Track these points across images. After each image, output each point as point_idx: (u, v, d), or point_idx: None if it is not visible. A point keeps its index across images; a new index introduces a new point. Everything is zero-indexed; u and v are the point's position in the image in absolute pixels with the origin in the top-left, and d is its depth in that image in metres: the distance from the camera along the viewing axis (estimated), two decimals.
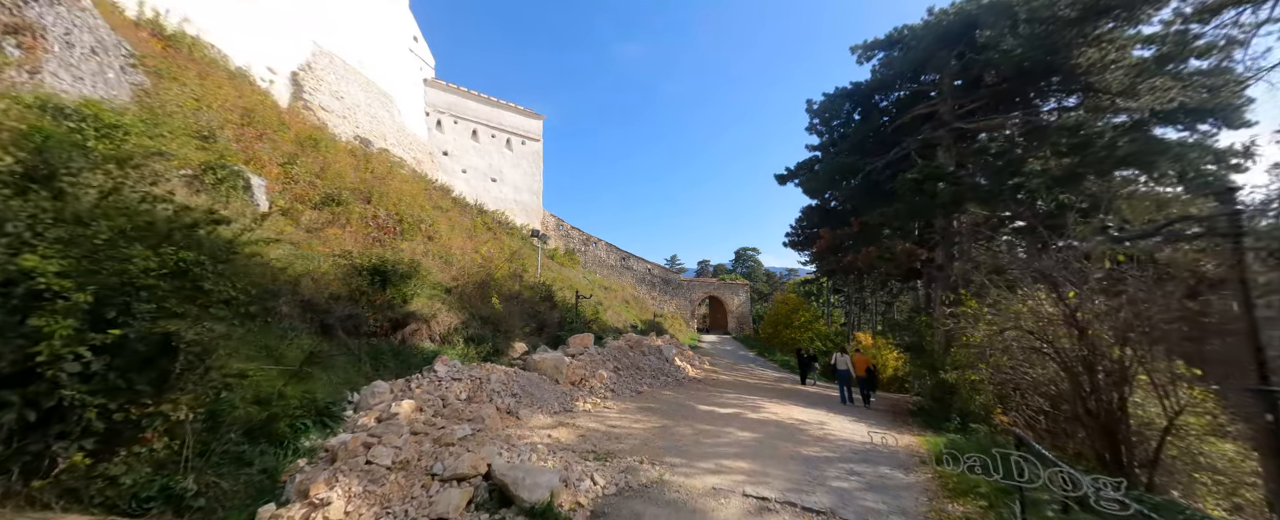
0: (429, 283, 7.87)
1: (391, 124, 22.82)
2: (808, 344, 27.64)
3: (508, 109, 28.89)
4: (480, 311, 8.42)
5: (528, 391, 6.74)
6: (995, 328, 7.83)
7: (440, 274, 8.90)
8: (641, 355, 13.04)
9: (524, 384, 6.89)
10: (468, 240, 17.54)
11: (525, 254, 21.97)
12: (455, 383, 5.52)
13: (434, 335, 7.18)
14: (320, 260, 5.78)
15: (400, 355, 6.13)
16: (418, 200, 15.59)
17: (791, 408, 9.98)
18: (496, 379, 6.34)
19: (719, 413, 8.26)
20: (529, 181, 29.75)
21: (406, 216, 11.70)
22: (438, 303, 7.50)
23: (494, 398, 5.69)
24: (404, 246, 8.94)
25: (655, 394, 9.72)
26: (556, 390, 7.37)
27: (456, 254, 11.05)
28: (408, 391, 4.67)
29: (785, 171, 15.70)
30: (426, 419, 3.92)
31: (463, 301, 8.38)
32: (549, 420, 5.89)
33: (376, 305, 6.21)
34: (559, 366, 7.92)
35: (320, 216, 8.39)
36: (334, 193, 9.26)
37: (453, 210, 20.08)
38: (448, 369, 5.78)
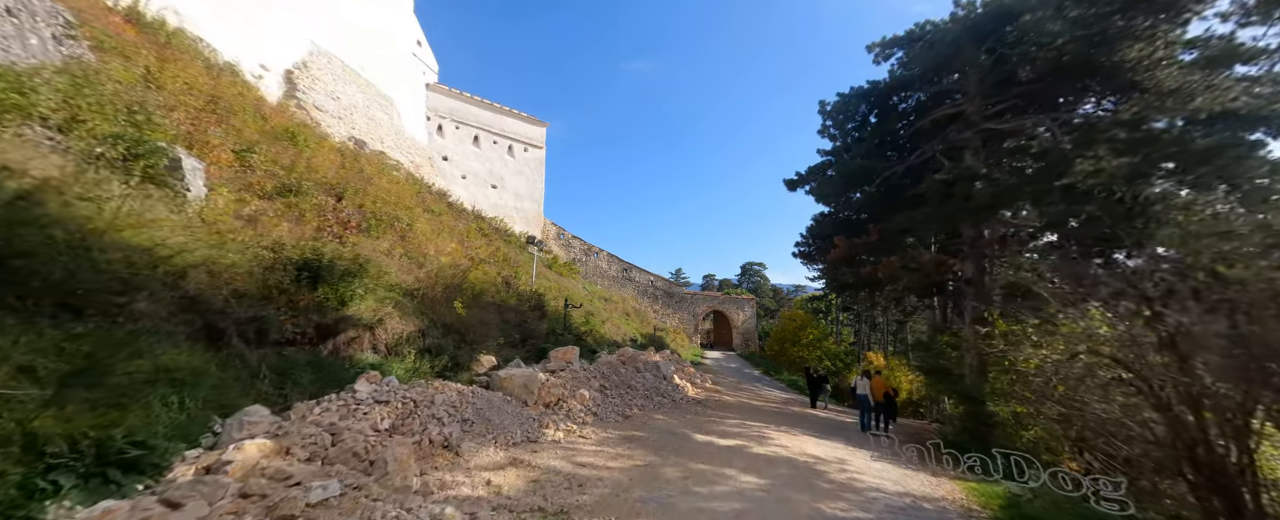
0: (385, 284, 6.72)
1: (390, 127, 22.16)
2: (816, 363, 25.97)
3: (510, 115, 28.27)
4: (444, 319, 7.23)
5: (484, 417, 5.47)
6: (1062, 351, 6.38)
7: (406, 276, 7.75)
8: (635, 372, 11.69)
9: (481, 407, 5.62)
10: (458, 245, 16.49)
11: (521, 261, 20.87)
12: (379, 407, 4.29)
13: (379, 345, 5.99)
14: (230, 250, 4.68)
15: (324, 369, 4.92)
16: (405, 201, 14.61)
17: (804, 439, 8.53)
18: (443, 401, 5.08)
19: (718, 445, 6.88)
20: (530, 189, 28.90)
21: (382, 215, 10.64)
22: (390, 307, 6.33)
23: (429, 427, 4.42)
24: (364, 243, 7.83)
25: (646, 418, 8.36)
26: (522, 415, 6.08)
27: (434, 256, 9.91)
28: (290, 421, 3.42)
29: (795, 176, 14.50)
30: (279, 468, 2.70)
31: (425, 307, 7.20)
32: (500, 456, 4.60)
33: (300, 307, 5.04)
34: (530, 385, 6.64)
35: (269, 206, 7.31)
36: (292, 183, 8.21)
37: (446, 214, 19.11)
38: (373, 389, 4.55)
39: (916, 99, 13.72)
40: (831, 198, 13.01)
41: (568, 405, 7.41)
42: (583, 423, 6.98)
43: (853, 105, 14.05)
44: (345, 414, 3.95)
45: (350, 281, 5.63)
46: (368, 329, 5.90)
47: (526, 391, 6.59)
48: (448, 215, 19.25)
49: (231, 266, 4.62)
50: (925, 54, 12.14)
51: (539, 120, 29.67)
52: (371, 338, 5.96)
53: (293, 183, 8.35)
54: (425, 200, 18.80)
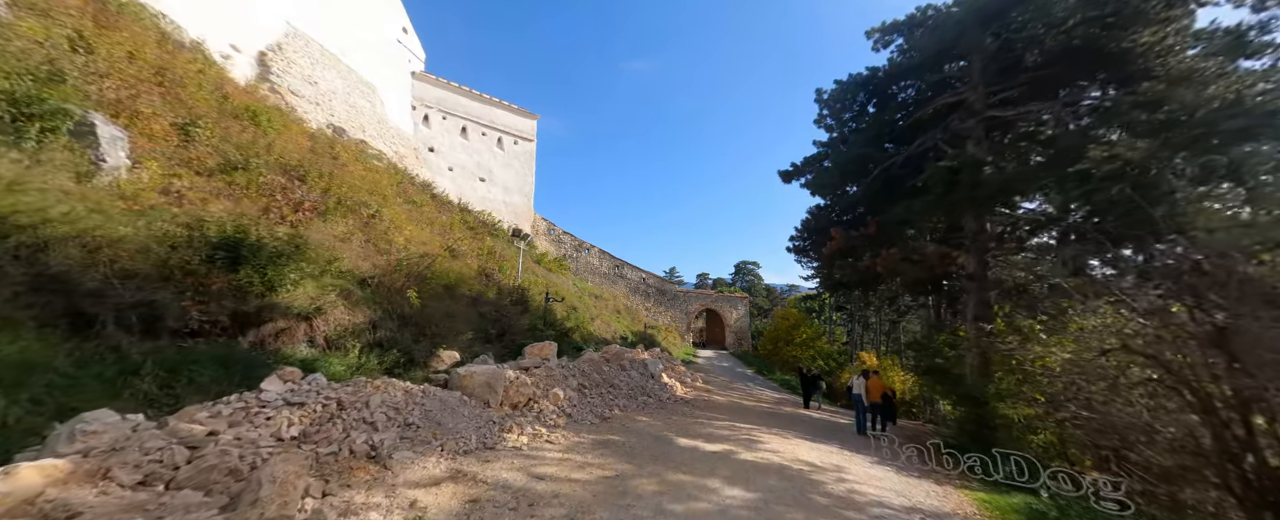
0: (334, 270, 5.95)
1: (372, 115, 21.26)
2: (809, 362, 25.41)
3: (500, 107, 27.42)
4: (401, 310, 6.47)
5: (434, 420, 4.73)
6: (1088, 348, 5.75)
7: (361, 263, 6.98)
8: (619, 370, 10.97)
9: (432, 409, 4.89)
10: (437, 236, 15.69)
11: (507, 256, 20.09)
12: (289, 410, 3.54)
13: (317, 338, 5.24)
14: (119, 222, 3.90)
15: (237, 365, 4.15)
16: (381, 189, 13.81)
17: (797, 443, 7.87)
18: (381, 403, 4.34)
19: (703, 450, 6.19)
20: (520, 182, 28.07)
21: (348, 200, 9.84)
22: (334, 295, 5.57)
23: (354, 434, 3.69)
24: (318, 227, 7.04)
25: (627, 420, 7.66)
26: (481, 417, 5.35)
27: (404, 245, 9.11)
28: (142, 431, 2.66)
29: (791, 168, 13.84)
30: (68, 499, 1.98)
31: (380, 297, 6.44)
32: (440, 469, 3.87)
33: (210, 291, 4.28)
34: (493, 384, 5.91)
35: (206, 183, 6.52)
36: (239, 161, 7.40)
37: (428, 205, 18.29)
38: (286, 388, 3.79)
39: (916, 87, 13.11)
40: (828, 189, 12.39)
41: (539, 406, 6.68)
42: (553, 425, 6.26)
43: (851, 94, 13.42)
44: (240, 420, 3.21)
45: (281, 265, 4.86)
46: (304, 319, 5.15)
47: (489, 391, 5.86)
48: (430, 206, 18.43)
49: (119, 241, 3.85)
50: (927, 39, 11.52)
51: (529, 113, 28.84)
52: (308, 329, 5.20)
53: (241, 161, 7.55)
54: (406, 191, 17.98)
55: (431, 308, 7.19)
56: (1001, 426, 8.24)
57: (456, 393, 5.54)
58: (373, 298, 6.28)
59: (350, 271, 6.39)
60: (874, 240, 10.32)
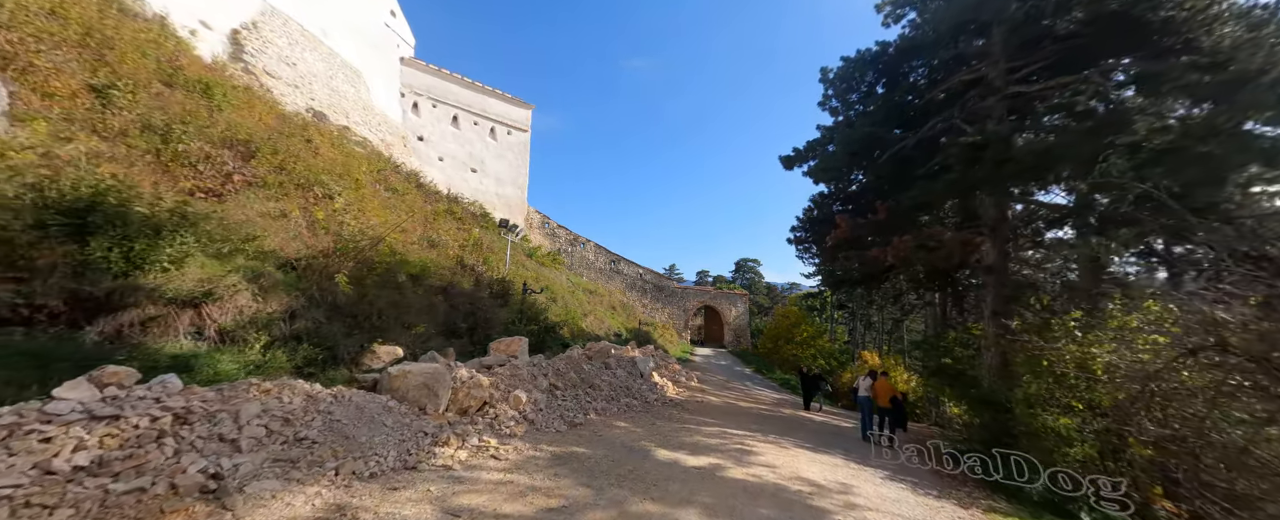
0: (250, 250, 4.97)
1: (356, 100, 20.26)
2: (810, 361, 24.36)
3: (493, 95, 26.40)
4: (333, 298, 5.48)
5: (342, 433, 3.73)
6: (1169, 348, 4.67)
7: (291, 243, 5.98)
8: (603, 369, 9.97)
9: (342, 418, 3.89)
10: (418, 226, 14.71)
11: (498, 248, 19.11)
12: (93, 426, 2.55)
13: (208, 329, 4.24)
14: None
15: (63, 362, 3.14)
16: (352, 174, 12.83)
17: (796, 454, 6.85)
18: (259, 413, 3.34)
19: (685, 466, 5.18)
20: (513, 174, 27.07)
21: (303, 180, 8.85)
22: (237, 277, 4.57)
23: (187, 459, 2.69)
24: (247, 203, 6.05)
25: (603, 426, 6.65)
26: (411, 427, 4.35)
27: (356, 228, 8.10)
28: None
29: (793, 152, 12.77)
30: None
31: (307, 282, 5.44)
32: (314, 505, 2.86)
33: (36, 268, 3.29)
34: (434, 385, 4.90)
35: (112, 149, 5.53)
36: (162, 128, 6.41)
37: (411, 194, 17.31)
38: (98, 398, 2.78)
39: (928, 66, 11.99)
40: (832, 174, 11.32)
41: (495, 411, 5.68)
42: (508, 435, 5.26)
43: (858, 72, 12.31)
44: None
45: (158, 239, 3.87)
46: (190, 305, 4.16)
47: (428, 394, 4.85)
48: (414, 195, 17.45)
49: None
50: (944, 9, 10.39)
51: (523, 102, 27.81)
52: (195, 318, 4.22)
53: (162, 128, 6.55)
54: (388, 179, 17.00)
55: (377, 296, 6.21)
56: (1029, 435, 7.19)
57: (384, 397, 4.54)
58: (297, 283, 5.30)
59: (273, 252, 5.40)
60: (883, 227, 9.26)
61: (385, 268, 7.15)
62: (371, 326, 5.70)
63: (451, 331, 9.07)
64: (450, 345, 8.07)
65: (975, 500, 6.08)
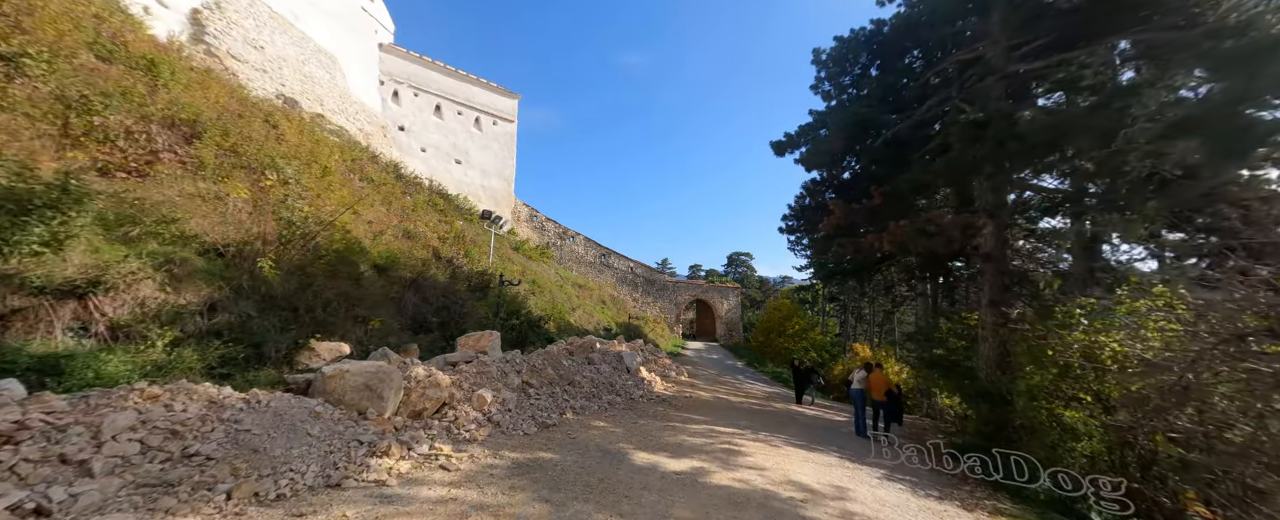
0: (167, 233, 4.30)
1: (331, 87, 19.31)
2: (802, 354, 24.04)
3: (478, 84, 25.49)
4: (266, 289, 4.81)
5: (248, 446, 3.12)
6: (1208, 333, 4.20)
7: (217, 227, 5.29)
8: (585, 365, 9.41)
9: (253, 428, 3.27)
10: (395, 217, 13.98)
11: (478, 240, 18.40)
12: None
13: (97, 324, 3.58)
14: None
15: None
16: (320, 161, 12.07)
17: (787, 454, 6.35)
18: (132, 424, 2.72)
19: (664, 471, 4.64)
20: (499, 165, 26.25)
21: (254, 160, 8.12)
22: (139, 262, 3.89)
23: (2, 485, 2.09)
24: (171, 182, 5.35)
25: (579, 426, 6.10)
26: (345, 435, 3.74)
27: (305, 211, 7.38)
28: None
29: (785, 138, 12.21)
30: None
31: (235, 271, 4.77)
32: None
33: None
34: (378, 387, 4.29)
35: (11, 120, 4.79)
36: (78, 98, 5.66)
37: (389, 185, 16.53)
38: None
39: (924, 45, 11.47)
40: (825, 159, 10.79)
41: (455, 413, 5.09)
42: (467, 440, 4.67)
43: (852, 54, 11.76)
44: None
45: (21, 217, 3.18)
46: (71, 296, 3.50)
47: (370, 396, 4.24)
48: (393, 186, 16.66)
49: None
50: None
51: (510, 92, 26.93)
52: (79, 310, 3.55)
53: (80, 101, 5.79)
54: (364, 168, 16.19)
55: (324, 287, 5.56)
56: (1032, 430, 6.77)
57: (314, 401, 3.92)
58: (222, 271, 4.63)
59: (196, 237, 4.73)
60: (878, 213, 8.76)
61: (336, 255, 6.48)
62: (314, 321, 5.06)
63: (421, 326, 8.44)
64: (416, 341, 7.44)
65: (979, 502, 5.63)
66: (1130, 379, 5.67)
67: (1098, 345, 6.04)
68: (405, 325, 7.89)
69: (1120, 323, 6.28)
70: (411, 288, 8.81)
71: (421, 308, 8.83)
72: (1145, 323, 6.05)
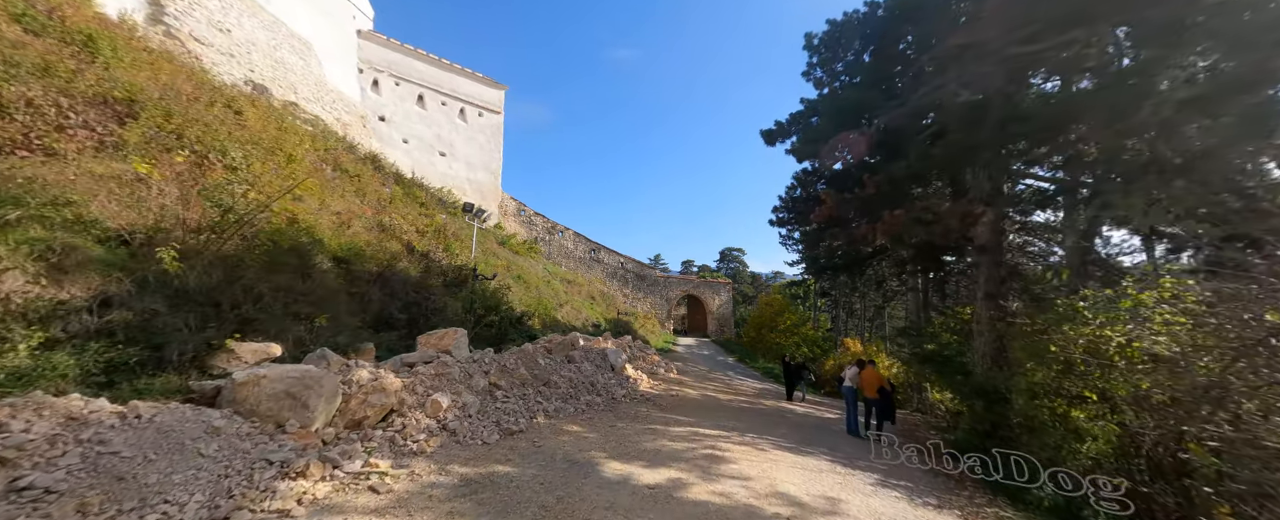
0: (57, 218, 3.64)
1: (305, 74, 18.40)
2: (793, 349, 23.71)
3: (462, 74, 24.62)
4: (182, 282, 4.16)
5: (105, 472, 2.53)
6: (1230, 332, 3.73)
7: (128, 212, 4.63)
8: (563, 363, 8.85)
9: (124, 449, 2.67)
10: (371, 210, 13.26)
11: (461, 234, 17.70)
12: None
13: None
14: None
15: None
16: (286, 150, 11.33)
17: (776, 458, 5.86)
18: None
19: (636, 484, 4.12)
20: (485, 158, 25.45)
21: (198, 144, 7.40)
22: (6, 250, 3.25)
23: None
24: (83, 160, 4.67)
25: (550, 432, 5.55)
26: (252, 453, 3.16)
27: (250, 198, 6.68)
28: None
29: (775, 126, 11.70)
30: None
31: (142, 261, 4.11)
32: None
33: None
34: (303, 395, 3.70)
35: None
36: None
37: (366, 176, 15.75)
38: None
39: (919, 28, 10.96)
40: (818, 146, 10.30)
41: (403, 421, 4.51)
42: (413, 452, 4.10)
43: (845, 38, 11.23)
44: None
45: None
46: None
47: (293, 406, 3.64)
48: (370, 178, 15.90)
49: None
50: None
51: (496, 82, 26.09)
52: None
53: None
54: (339, 159, 15.40)
55: (258, 280, 4.92)
56: (1031, 429, 6.36)
57: (217, 413, 3.32)
58: (125, 261, 3.98)
59: (96, 222, 4.07)
60: (871, 203, 8.29)
61: (278, 246, 5.83)
62: (240, 318, 4.44)
63: (386, 324, 7.82)
64: (378, 340, 6.83)
65: (979, 509, 5.20)
66: (1139, 376, 5.27)
67: (1103, 340, 5.63)
68: (367, 323, 7.27)
69: (1125, 316, 5.88)
70: (377, 282, 8.17)
71: (388, 304, 8.20)
72: (1152, 316, 5.67)
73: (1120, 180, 7.57)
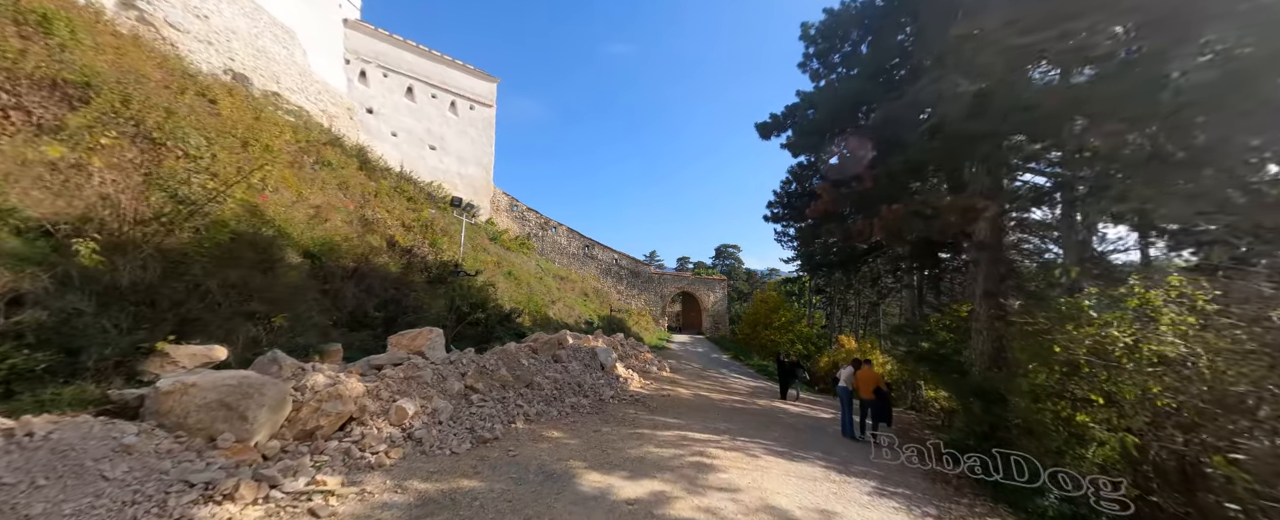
0: None
1: (289, 64, 17.78)
2: (788, 347, 23.48)
3: (453, 66, 24.01)
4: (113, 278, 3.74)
5: None
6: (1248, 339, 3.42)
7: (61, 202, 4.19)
8: (549, 363, 8.49)
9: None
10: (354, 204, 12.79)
11: (450, 229, 17.24)
12: None
13: None
14: None
15: None
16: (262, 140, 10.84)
17: (767, 465, 5.53)
18: None
19: (614, 499, 3.76)
20: (477, 152, 24.90)
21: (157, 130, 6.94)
22: None
23: None
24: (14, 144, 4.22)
25: (529, 438, 5.19)
26: (170, 474, 2.77)
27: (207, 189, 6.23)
28: None
29: (770, 119, 11.32)
30: None
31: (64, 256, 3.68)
32: None
33: None
34: (241, 405, 3.30)
35: None
36: None
37: (349, 169, 15.25)
38: None
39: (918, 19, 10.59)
40: (814, 138, 9.92)
41: (363, 431, 4.13)
42: (369, 466, 3.72)
43: (842, 28, 10.85)
44: None
45: None
46: None
47: (228, 417, 3.25)
48: (354, 171, 15.39)
49: None
50: None
51: (488, 75, 25.49)
52: None
53: None
54: (321, 151, 14.88)
55: (205, 275, 4.50)
56: (1032, 432, 6.08)
57: (138, 427, 2.92)
58: (46, 255, 3.56)
59: (13, 210, 3.64)
60: (868, 197, 7.95)
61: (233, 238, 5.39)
62: (181, 318, 4.02)
63: (361, 322, 7.41)
64: (351, 339, 6.43)
65: (976, 504, 4.91)
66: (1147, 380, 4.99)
67: (1109, 340, 5.35)
68: (341, 321, 6.86)
69: (1129, 316, 5.59)
70: (353, 278, 7.75)
71: (364, 301, 7.79)
72: (1159, 316, 5.39)
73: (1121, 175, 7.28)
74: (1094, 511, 4.82)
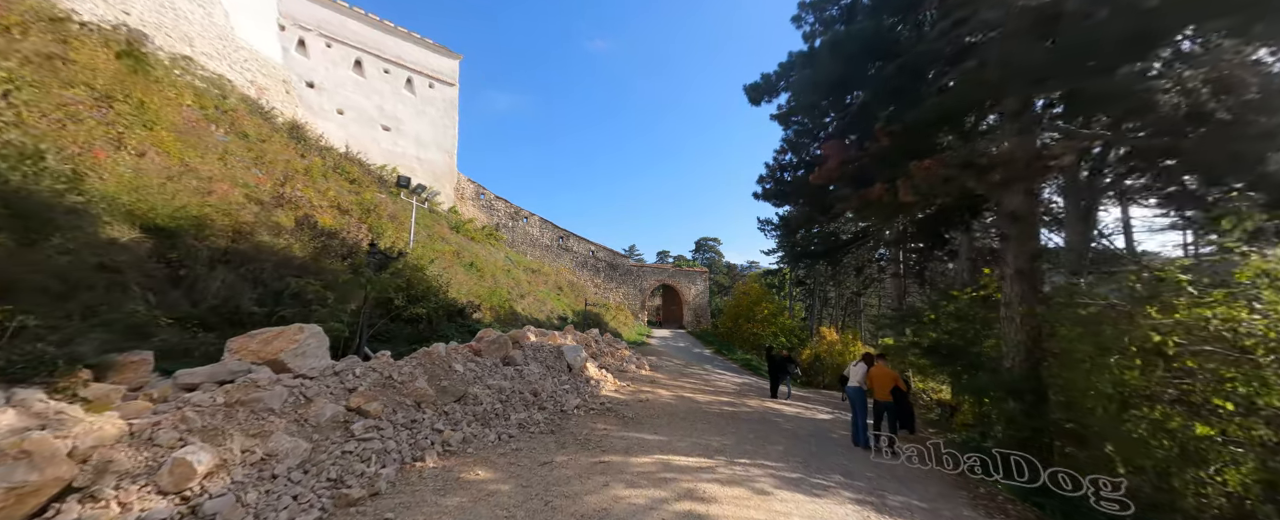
0: None
1: (206, 25, 15.08)
2: (771, 339, 22.25)
3: (409, 39, 21.51)
4: None
5: None
6: None
7: None
8: (496, 368, 6.64)
9: None
10: (272, 181, 10.51)
11: (402, 216, 15.02)
12: None
13: None
14: None
15: None
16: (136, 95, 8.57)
17: (782, 506, 3.88)
18: None
19: None
20: (437, 135, 22.50)
21: None
22: None
23: None
24: None
25: (436, 482, 3.39)
26: None
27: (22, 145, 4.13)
28: None
29: (760, 80, 9.71)
30: None
31: None
32: None
33: None
34: None
35: None
36: None
37: (273, 141, 12.87)
38: None
39: None
40: (817, 94, 8.34)
41: (84, 512, 2.22)
42: None
43: None
44: None
45: None
46: None
47: None
48: (279, 145, 13.00)
49: None
50: None
51: (450, 51, 23.07)
52: None
53: None
54: (238, 121, 12.47)
55: None
56: (1125, 443, 4.65)
57: None
58: None
59: None
60: (886, 156, 6.42)
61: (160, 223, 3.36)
62: None
63: (229, 320, 5.37)
64: (186, 344, 4.42)
65: None
66: None
67: (1232, 322, 3.94)
68: (189, 318, 4.83)
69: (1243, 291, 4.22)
70: (222, 262, 5.68)
71: (239, 291, 5.73)
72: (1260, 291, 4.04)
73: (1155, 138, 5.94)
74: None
